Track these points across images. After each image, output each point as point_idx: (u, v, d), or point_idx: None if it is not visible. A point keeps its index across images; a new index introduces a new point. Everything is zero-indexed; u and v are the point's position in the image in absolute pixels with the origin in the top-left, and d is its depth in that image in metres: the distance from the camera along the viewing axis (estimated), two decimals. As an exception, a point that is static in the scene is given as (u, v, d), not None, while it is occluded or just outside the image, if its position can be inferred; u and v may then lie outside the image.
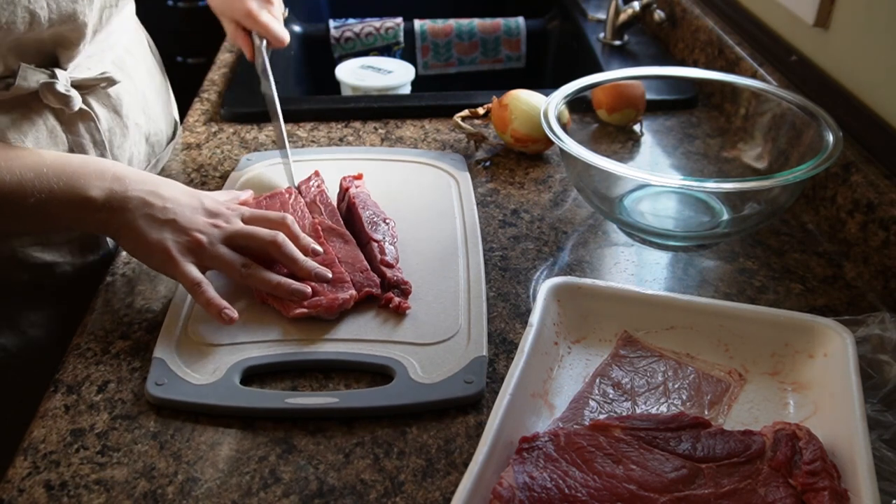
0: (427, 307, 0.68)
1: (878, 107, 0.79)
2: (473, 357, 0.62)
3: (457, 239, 0.77)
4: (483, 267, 0.73)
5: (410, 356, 0.63)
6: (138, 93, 0.85)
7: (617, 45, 1.25)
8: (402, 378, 0.61)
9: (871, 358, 0.59)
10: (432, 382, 0.60)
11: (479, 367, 0.62)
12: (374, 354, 0.63)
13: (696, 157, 0.94)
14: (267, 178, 0.87)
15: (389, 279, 0.69)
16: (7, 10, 0.62)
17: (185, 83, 1.23)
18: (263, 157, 0.91)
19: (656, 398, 0.59)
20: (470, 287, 0.70)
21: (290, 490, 0.54)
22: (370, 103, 1.04)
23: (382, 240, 0.74)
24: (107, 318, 0.69)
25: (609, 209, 0.80)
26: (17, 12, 0.63)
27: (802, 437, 0.52)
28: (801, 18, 0.90)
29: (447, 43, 1.44)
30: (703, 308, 0.63)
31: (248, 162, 0.90)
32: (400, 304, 0.67)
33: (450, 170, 0.88)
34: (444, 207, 0.82)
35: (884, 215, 0.72)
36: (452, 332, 0.65)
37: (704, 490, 0.49)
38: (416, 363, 0.62)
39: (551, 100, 0.81)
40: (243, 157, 0.91)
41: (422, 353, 0.63)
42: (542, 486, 0.49)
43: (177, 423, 0.59)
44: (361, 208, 0.77)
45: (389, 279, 0.69)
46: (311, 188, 0.81)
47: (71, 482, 0.54)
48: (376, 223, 0.76)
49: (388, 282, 0.69)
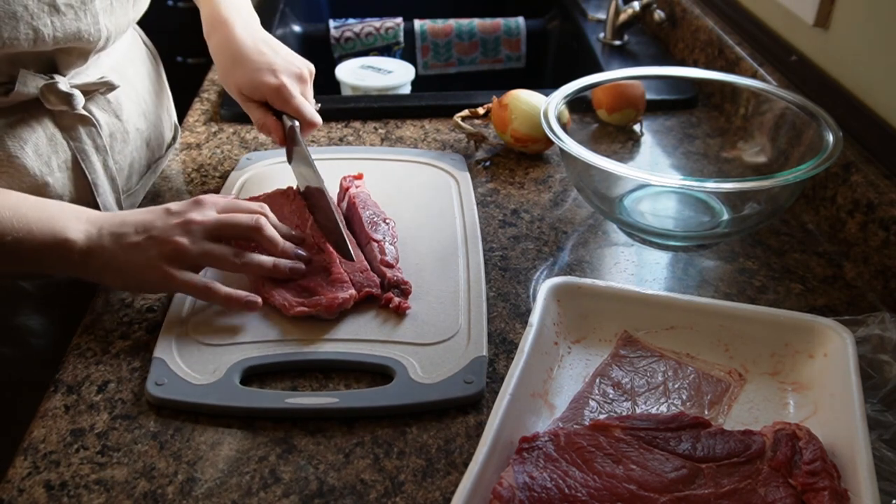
0: (427, 307, 0.68)
1: (878, 107, 0.79)
2: (473, 357, 0.63)
3: (457, 239, 0.77)
4: (483, 267, 0.73)
5: (410, 356, 0.63)
6: (138, 97, 0.84)
7: (617, 45, 1.25)
8: (402, 378, 0.61)
9: (871, 358, 0.59)
10: (432, 382, 0.60)
11: (479, 367, 0.62)
12: (374, 354, 0.63)
13: (696, 157, 0.94)
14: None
15: (389, 279, 0.69)
16: (9, 26, 0.62)
17: (185, 83, 1.23)
18: (263, 157, 0.91)
19: (656, 398, 0.59)
20: (470, 287, 0.70)
21: (290, 490, 0.54)
22: (370, 103, 1.04)
23: (382, 240, 0.73)
24: (107, 318, 0.69)
25: (609, 209, 0.80)
26: (21, 28, 0.63)
27: (802, 437, 0.52)
28: (801, 18, 0.90)
29: (447, 43, 1.44)
30: (703, 308, 0.63)
31: (247, 161, 0.90)
32: (400, 304, 0.67)
33: (450, 169, 0.89)
34: (443, 207, 0.82)
35: (884, 215, 0.72)
36: (452, 332, 0.65)
37: (704, 490, 0.49)
38: (416, 363, 0.62)
39: (551, 100, 0.81)
40: (243, 156, 0.91)
41: (422, 353, 0.63)
42: (542, 486, 0.49)
43: (177, 423, 0.59)
44: (361, 208, 0.77)
45: (389, 279, 0.69)
46: None
47: (71, 482, 0.54)
48: (376, 223, 0.75)
49: (388, 282, 0.69)
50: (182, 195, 0.86)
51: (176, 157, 0.93)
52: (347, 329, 0.66)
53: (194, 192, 0.86)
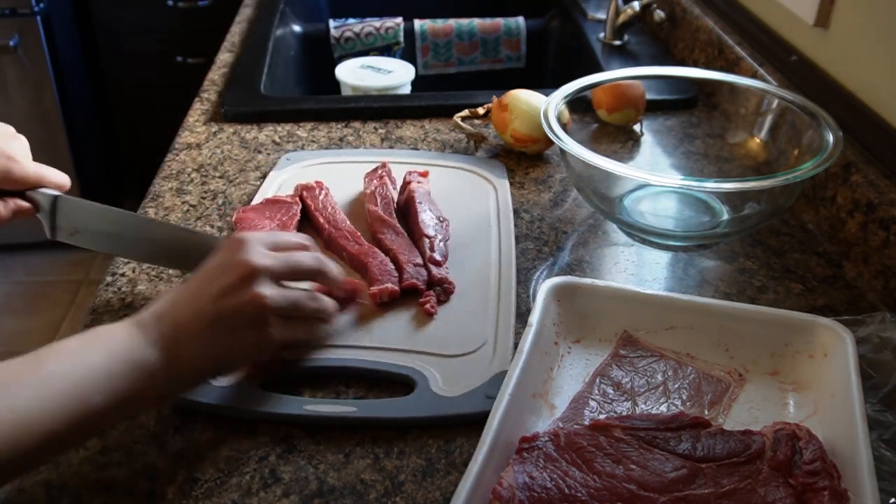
0: (456, 316, 0.67)
1: (878, 107, 0.79)
2: (497, 372, 0.61)
3: (490, 248, 0.75)
4: (515, 279, 0.71)
5: (433, 367, 0.62)
6: None
7: (617, 45, 1.25)
8: (422, 389, 0.60)
9: (871, 358, 0.59)
10: (453, 396, 0.59)
11: (501, 382, 0.59)
12: (396, 364, 0.62)
13: (696, 157, 0.94)
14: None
15: (433, 276, 0.69)
16: None
17: (185, 83, 1.23)
18: (302, 158, 0.91)
19: (656, 398, 0.59)
20: (500, 299, 0.69)
21: (290, 490, 0.54)
22: (370, 103, 1.04)
23: (434, 237, 0.74)
24: (107, 318, 0.69)
25: (609, 209, 0.80)
26: None
27: (802, 437, 0.52)
28: (801, 18, 0.90)
29: (447, 43, 1.44)
30: (703, 308, 0.63)
31: (287, 162, 0.90)
32: (428, 304, 0.67)
33: (489, 177, 0.87)
34: (480, 215, 0.81)
35: (884, 215, 0.72)
36: (479, 345, 0.64)
37: (704, 490, 0.49)
38: (439, 374, 0.61)
39: (551, 100, 0.81)
40: (283, 156, 0.91)
41: (445, 364, 0.62)
42: (542, 486, 0.49)
43: (177, 423, 0.58)
44: (419, 203, 0.77)
45: (433, 276, 0.69)
46: (374, 179, 0.82)
47: (71, 482, 0.54)
48: (431, 220, 0.76)
49: (432, 279, 0.69)
50: (182, 195, 0.86)
51: (176, 158, 0.93)
52: (371, 336, 0.65)
53: (195, 193, 0.86)
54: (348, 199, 0.84)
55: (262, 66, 1.14)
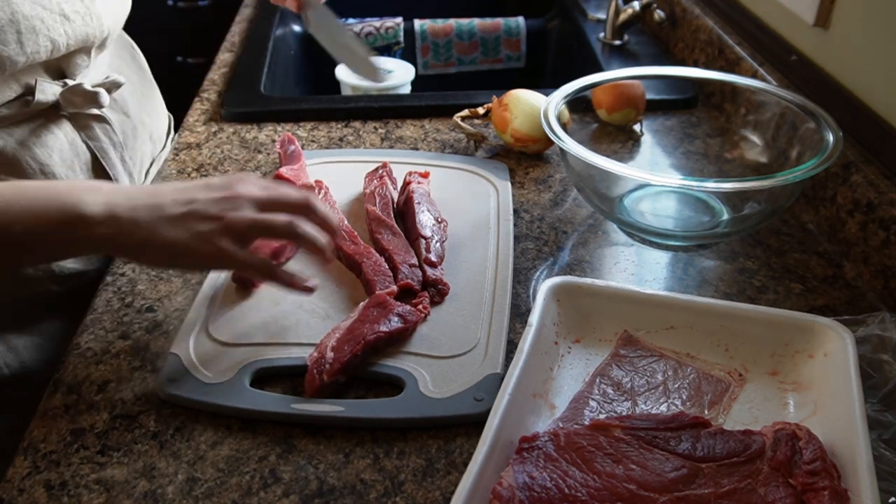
0: (448, 317, 0.67)
1: (878, 107, 0.79)
2: (487, 374, 0.61)
3: (488, 250, 0.75)
4: (511, 281, 0.71)
5: (423, 368, 0.62)
6: (137, 92, 0.85)
7: (617, 44, 1.25)
8: (410, 390, 0.60)
9: (871, 358, 0.59)
10: (441, 397, 0.59)
11: (491, 384, 0.60)
12: (386, 364, 0.62)
13: (696, 157, 0.94)
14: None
15: (428, 277, 0.69)
16: (31, 41, 0.64)
17: (185, 83, 1.23)
18: (309, 157, 0.90)
19: (656, 398, 0.59)
20: (494, 301, 0.69)
21: (290, 490, 0.54)
22: (370, 103, 1.04)
23: (431, 238, 0.74)
24: (107, 318, 0.69)
25: (609, 209, 0.80)
26: (41, 41, 0.65)
27: (802, 437, 0.52)
28: (801, 18, 0.90)
29: (447, 43, 1.44)
30: (703, 308, 0.63)
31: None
32: (420, 305, 0.67)
33: (491, 178, 0.87)
34: (480, 217, 0.80)
35: (884, 215, 0.72)
36: (470, 346, 0.64)
37: (704, 490, 0.49)
38: (428, 376, 0.61)
39: (551, 100, 0.81)
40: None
41: (435, 365, 0.62)
42: (542, 485, 0.49)
43: (177, 423, 0.59)
44: (417, 204, 0.77)
45: (428, 277, 0.69)
46: (374, 179, 0.82)
47: (71, 482, 0.54)
48: (429, 221, 0.76)
49: (426, 280, 0.69)
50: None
51: (176, 157, 0.93)
52: None
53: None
54: (348, 199, 0.84)
55: (262, 65, 1.14)
